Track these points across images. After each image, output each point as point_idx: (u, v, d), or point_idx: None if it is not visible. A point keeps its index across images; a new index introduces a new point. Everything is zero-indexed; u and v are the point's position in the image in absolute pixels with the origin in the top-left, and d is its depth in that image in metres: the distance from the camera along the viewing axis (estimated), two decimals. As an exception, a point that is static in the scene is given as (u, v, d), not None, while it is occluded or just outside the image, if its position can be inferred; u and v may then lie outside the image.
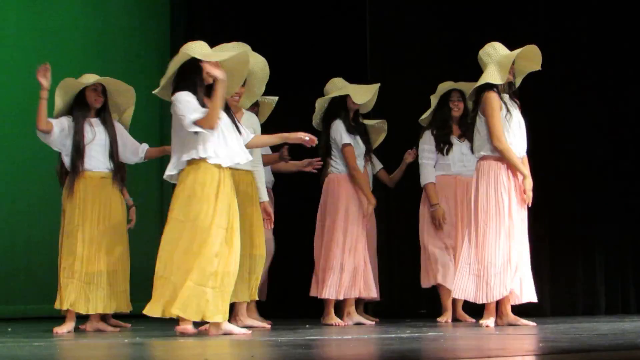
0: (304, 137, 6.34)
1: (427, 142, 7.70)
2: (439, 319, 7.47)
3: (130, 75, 9.48)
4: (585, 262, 8.25)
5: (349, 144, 7.49)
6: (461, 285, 6.68)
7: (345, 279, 7.37)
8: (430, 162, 7.66)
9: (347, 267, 7.38)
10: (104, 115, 7.11)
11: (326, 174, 7.62)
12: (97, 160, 7.04)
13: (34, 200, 9.19)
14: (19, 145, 9.14)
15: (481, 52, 6.84)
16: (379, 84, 7.65)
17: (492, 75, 6.69)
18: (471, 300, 6.71)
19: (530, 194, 6.65)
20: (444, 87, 7.73)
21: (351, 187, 7.53)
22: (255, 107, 7.55)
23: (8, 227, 9.19)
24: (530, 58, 6.80)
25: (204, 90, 6.16)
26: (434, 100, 7.71)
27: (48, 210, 9.06)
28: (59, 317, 7.47)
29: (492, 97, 6.69)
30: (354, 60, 9.17)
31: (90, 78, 7.08)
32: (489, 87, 6.71)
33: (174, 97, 6.16)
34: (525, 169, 6.68)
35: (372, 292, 7.50)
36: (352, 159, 7.50)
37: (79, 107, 7.04)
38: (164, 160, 9.90)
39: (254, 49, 6.94)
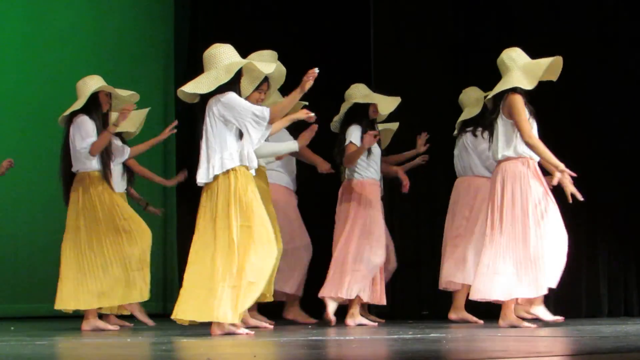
0: (306, 115, 6.39)
1: (482, 143, 7.61)
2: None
3: (134, 75, 9.52)
4: (588, 265, 8.24)
5: (351, 142, 7.47)
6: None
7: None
8: None
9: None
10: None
11: (343, 179, 7.66)
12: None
13: (36, 199, 9.20)
14: (21, 145, 9.16)
15: (505, 56, 6.87)
16: (399, 98, 7.66)
17: (519, 79, 6.73)
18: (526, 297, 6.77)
19: (571, 186, 6.67)
20: (476, 92, 7.71)
21: (375, 192, 7.56)
22: None
23: (11, 225, 9.20)
24: (550, 68, 6.84)
25: None
26: (476, 108, 7.65)
27: (51, 209, 9.07)
28: (62, 317, 7.49)
29: (518, 98, 6.72)
30: (357, 63, 9.18)
31: (99, 81, 7.13)
32: (512, 89, 6.75)
33: (231, 98, 6.20)
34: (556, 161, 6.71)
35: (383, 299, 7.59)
36: (351, 154, 7.45)
37: (96, 109, 7.13)
38: (167, 160, 10.00)
39: (257, 50, 6.97)
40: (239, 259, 6.03)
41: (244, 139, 6.20)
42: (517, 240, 6.67)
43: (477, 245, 7.22)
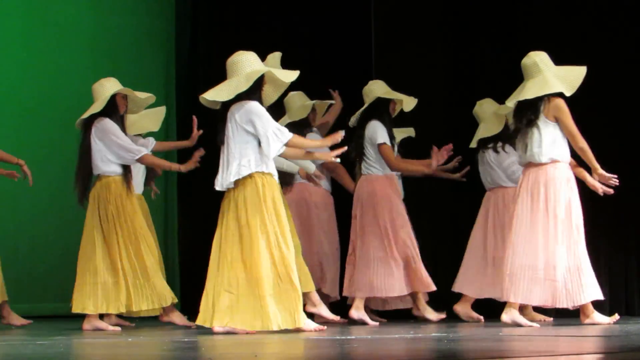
0: (334, 158, 6.48)
1: (514, 154, 7.50)
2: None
3: (135, 74, 9.50)
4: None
5: (385, 143, 7.51)
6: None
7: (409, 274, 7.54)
8: None
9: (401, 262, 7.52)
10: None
11: (360, 174, 7.68)
12: None
13: (38, 199, 9.18)
14: (23, 144, 9.15)
15: (537, 59, 6.87)
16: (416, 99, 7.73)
17: (557, 84, 6.78)
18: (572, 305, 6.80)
19: (611, 179, 6.90)
20: (494, 104, 7.70)
21: (392, 187, 7.59)
22: (312, 113, 7.85)
23: (12, 226, 9.18)
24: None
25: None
26: (501, 119, 7.64)
27: (52, 209, 9.08)
28: (63, 316, 7.48)
29: (564, 102, 6.79)
30: (358, 63, 9.18)
31: (116, 84, 7.16)
32: (554, 93, 6.80)
33: (254, 107, 6.29)
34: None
35: (430, 286, 7.56)
36: (391, 156, 7.50)
37: (114, 111, 7.12)
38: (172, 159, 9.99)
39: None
40: (283, 266, 6.21)
41: (263, 148, 6.28)
42: (570, 246, 6.74)
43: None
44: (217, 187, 6.36)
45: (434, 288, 7.55)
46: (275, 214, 6.26)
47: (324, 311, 7.25)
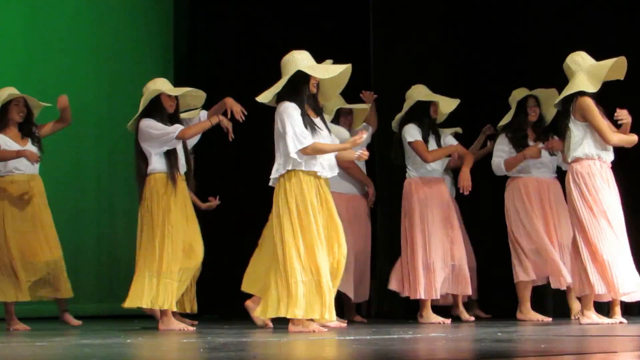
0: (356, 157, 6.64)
1: (500, 144, 7.81)
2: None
3: (133, 77, 9.51)
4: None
5: (415, 140, 7.63)
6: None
7: (438, 278, 7.59)
8: (501, 159, 7.76)
9: (436, 266, 7.61)
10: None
11: (408, 176, 7.84)
12: None
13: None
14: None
15: (569, 61, 7.00)
16: (458, 100, 7.79)
17: (584, 83, 6.87)
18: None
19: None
20: (520, 93, 7.83)
21: (425, 191, 7.69)
22: (349, 116, 7.95)
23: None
24: (615, 68, 6.95)
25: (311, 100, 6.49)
26: (512, 106, 7.82)
27: (52, 211, 9.05)
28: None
29: (588, 100, 6.88)
30: (357, 63, 9.15)
31: (161, 85, 7.23)
32: (580, 93, 6.89)
33: (285, 108, 6.41)
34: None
35: (467, 289, 7.67)
36: (423, 150, 7.60)
37: (158, 112, 7.16)
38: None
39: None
40: (309, 259, 6.32)
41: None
42: (616, 240, 6.88)
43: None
44: (270, 183, 6.54)
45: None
46: (304, 210, 6.36)
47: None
